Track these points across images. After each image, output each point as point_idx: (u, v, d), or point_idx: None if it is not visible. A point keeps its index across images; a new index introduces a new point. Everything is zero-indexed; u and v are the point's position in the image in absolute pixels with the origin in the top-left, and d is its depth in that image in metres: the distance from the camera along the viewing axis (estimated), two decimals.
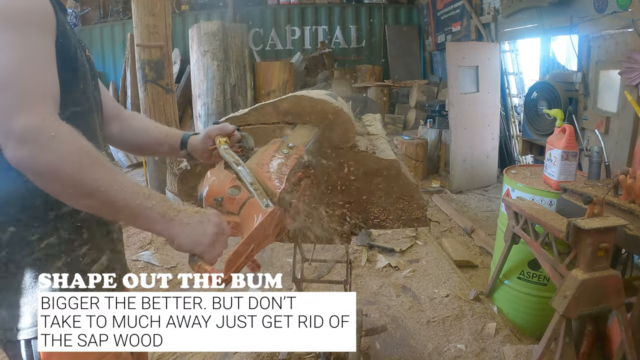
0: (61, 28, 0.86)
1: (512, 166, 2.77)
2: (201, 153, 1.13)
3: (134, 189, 0.78)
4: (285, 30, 8.11)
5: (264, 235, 0.87)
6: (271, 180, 0.91)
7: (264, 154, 1.01)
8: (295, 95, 1.22)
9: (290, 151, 1.02)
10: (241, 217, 0.86)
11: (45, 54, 0.80)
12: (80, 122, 0.94)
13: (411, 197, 1.26)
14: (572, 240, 1.64)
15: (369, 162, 1.23)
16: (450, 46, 5.13)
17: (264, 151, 1.02)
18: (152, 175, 4.52)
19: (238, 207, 0.86)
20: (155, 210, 0.78)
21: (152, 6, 4.13)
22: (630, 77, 3.02)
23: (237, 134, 1.10)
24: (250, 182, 0.88)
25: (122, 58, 7.36)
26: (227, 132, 1.07)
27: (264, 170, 0.94)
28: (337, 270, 3.15)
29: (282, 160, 0.98)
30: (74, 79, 0.92)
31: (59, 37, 0.85)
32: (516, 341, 2.30)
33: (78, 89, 0.94)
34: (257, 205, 0.85)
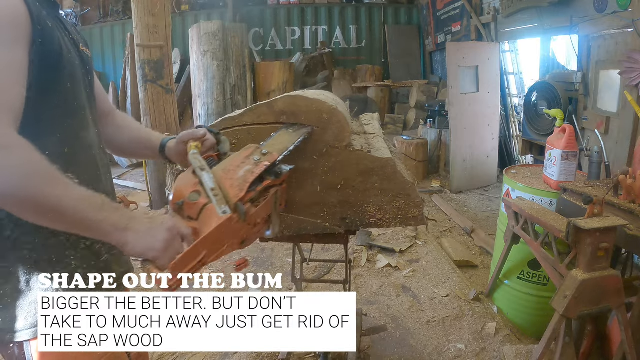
0: (39, 27, 0.84)
1: (512, 166, 2.77)
2: (176, 157, 1.15)
3: (86, 202, 0.78)
4: (285, 30, 8.12)
5: (219, 242, 0.85)
6: (233, 188, 0.90)
7: (234, 159, 0.98)
8: (290, 95, 1.22)
9: (262, 158, 0.98)
10: (199, 223, 0.86)
11: (8, 65, 0.78)
12: (68, 120, 0.94)
13: (407, 195, 1.25)
14: (572, 240, 1.64)
15: (364, 161, 1.23)
16: (450, 46, 5.13)
17: (236, 156, 1.00)
18: (152, 175, 4.52)
19: (196, 213, 0.86)
20: (108, 222, 0.79)
21: (152, 6, 4.13)
22: (630, 77, 3.02)
23: (211, 139, 1.09)
24: (211, 187, 0.87)
25: (122, 58, 7.35)
26: (197, 137, 1.07)
27: (229, 176, 0.92)
28: (337, 270, 3.15)
29: (249, 167, 0.96)
30: (59, 78, 0.91)
31: (37, 38, 0.83)
32: (516, 341, 2.30)
33: (64, 88, 0.93)
34: (214, 211, 0.84)
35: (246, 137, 1.21)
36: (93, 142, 1.03)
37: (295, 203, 1.25)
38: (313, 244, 1.46)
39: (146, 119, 4.42)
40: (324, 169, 1.24)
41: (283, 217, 1.26)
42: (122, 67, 7.19)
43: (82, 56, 1.02)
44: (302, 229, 1.28)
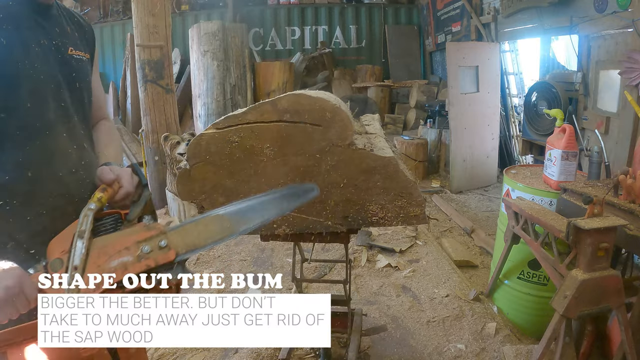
0: None
1: (512, 166, 2.77)
2: None
3: None
4: (285, 30, 8.12)
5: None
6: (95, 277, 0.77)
7: (121, 238, 0.82)
8: (294, 93, 1.23)
9: (151, 254, 0.81)
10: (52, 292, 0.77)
11: None
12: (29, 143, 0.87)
13: (409, 194, 1.26)
14: (572, 240, 1.64)
15: (366, 160, 1.24)
16: (450, 46, 5.13)
17: (125, 235, 0.83)
18: (152, 175, 4.52)
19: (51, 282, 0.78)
20: None
21: (152, 6, 4.14)
22: (630, 77, 3.02)
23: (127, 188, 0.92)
24: (74, 265, 0.76)
25: (122, 58, 7.36)
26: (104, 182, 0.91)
27: (101, 260, 0.78)
28: (337, 270, 3.15)
29: (127, 260, 0.79)
30: (12, 98, 0.85)
31: None
32: (516, 341, 2.30)
33: (21, 108, 0.86)
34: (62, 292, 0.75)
35: (249, 135, 1.21)
36: (67, 163, 0.94)
37: None
38: (314, 243, 1.46)
39: (146, 119, 4.42)
40: (327, 167, 1.24)
41: (286, 216, 1.26)
42: (122, 67, 7.20)
43: (66, 61, 0.95)
44: (305, 227, 1.29)
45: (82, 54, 1.03)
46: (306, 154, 1.22)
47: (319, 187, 1.05)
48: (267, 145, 1.22)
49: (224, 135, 1.21)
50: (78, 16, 1.13)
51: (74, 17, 1.11)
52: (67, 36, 1.00)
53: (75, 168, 0.97)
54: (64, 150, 0.95)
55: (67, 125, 0.96)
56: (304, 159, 1.22)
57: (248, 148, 1.22)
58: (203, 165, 1.23)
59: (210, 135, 1.21)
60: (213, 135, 1.21)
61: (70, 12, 1.11)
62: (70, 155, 0.96)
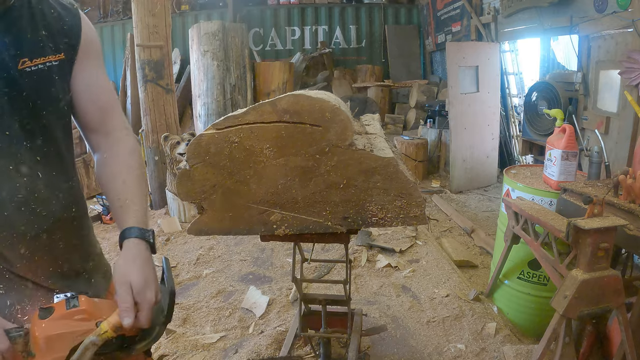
0: None
1: (512, 166, 2.77)
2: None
3: None
4: (285, 30, 8.12)
5: None
6: None
7: None
8: (294, 94, 1.22)
9: None
10: None
11: None
12: None
13: (409, 195, 1.26)
14: (572, 240, 1.64)
15: (366, 160, 1.24)
16: (450, 46, 5.13)
17: None
18: (152, 175, 4.52)
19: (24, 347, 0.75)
20: None
21: (152, 6, 4.14)
22: (630, 77, 3.02)
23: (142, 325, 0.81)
24: None
25: (122, 58, 7.36)
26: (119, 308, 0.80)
27: None
28: (337, 270, 3.15)
29: None
30: None
31: None
32: (516, 341, 2.30)
33: None
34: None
35: (249, 136, 1.21)
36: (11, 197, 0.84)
37: (297, 202, 1.26)
38: (314, 243, 1.46)
39: (146, 119, 4.43)
40: (327, 168, 1.24)
41: (285, 216, 1.26)
42: (122, 67, 7.20)
43: (12, 80, 0.82)
44: (304, 227, 1.29)
45: (47, 59, 0.88)
46: (306, 154, 1.22)
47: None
48: (267, 146, 1.22)
49: (224, 136, 1.21)
50: (60, 6, 0.94)
51: (52, 9, 0.92)
52: (22, 44, 0.84)
53: (24, 201, 0.86)
54: (7, 182, 0.84)
55: (14, 157, 0.84)
56: (304, 159, 1.22)
57: (248, 148, 1.22)
58: (203, 166, 1.23)
59: (210, 135, 1.21)
60: (213, 135, 1.21)
61: (50, 4, 0.92)
62: (18, 188, 0.85)
